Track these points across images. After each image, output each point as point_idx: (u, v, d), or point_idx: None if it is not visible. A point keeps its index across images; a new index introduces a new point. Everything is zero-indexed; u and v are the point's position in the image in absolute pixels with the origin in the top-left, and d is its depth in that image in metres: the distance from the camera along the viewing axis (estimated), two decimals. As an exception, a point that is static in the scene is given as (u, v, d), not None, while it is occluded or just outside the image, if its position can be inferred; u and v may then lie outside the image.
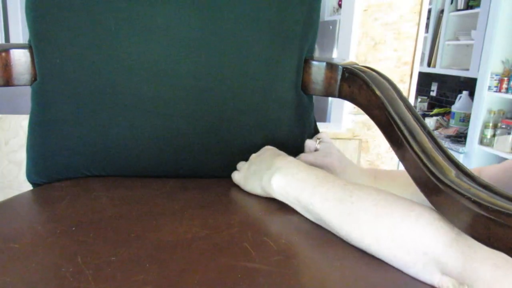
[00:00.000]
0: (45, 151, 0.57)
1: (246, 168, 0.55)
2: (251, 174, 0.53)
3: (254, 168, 0.53)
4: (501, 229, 0.30)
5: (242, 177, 0.55)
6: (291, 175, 0.48)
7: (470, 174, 0.37)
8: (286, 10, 0.58)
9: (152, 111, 0.56)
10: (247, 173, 0.54)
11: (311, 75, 0.62)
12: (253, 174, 0.53)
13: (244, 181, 0.54)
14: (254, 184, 0.52)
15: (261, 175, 0.51)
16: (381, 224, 0.39)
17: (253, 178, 0.52)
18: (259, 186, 0.51)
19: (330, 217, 0.43)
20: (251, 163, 0.55)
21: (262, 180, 0.50)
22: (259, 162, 0.53)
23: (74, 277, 0.33)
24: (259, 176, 0.51)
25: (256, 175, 0.52)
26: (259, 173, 0.51)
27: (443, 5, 3.44)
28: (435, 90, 3.93)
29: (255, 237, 0.41)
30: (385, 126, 0.49)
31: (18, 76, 0.56)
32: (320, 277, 0.36)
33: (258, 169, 0.52)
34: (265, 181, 0.50)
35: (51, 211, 0.47)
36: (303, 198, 0.46)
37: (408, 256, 0.37)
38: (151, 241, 0.39)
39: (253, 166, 0.54)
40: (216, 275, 0.34)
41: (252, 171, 0.53)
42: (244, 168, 0.56)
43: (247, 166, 0.55)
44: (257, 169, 0.52)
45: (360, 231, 0.40)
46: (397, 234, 0.38)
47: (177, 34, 0.55)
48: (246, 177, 0.54)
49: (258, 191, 0.52)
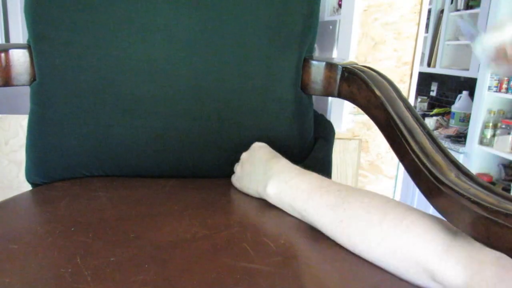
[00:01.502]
0: (45, 151, 0.57)
1: (239, 169, 0.55)
2: (246, 175, 0.53)
3: (248, 168, 0.53)
4: (501, 230, 0.30)
5: (238, 179, 0.55)
6: (284, 182, 0.48)
7: (470, 175, 0.37)
8: (286, 10, 0.58)
9: (151, 111, 0.56)
10: (242, 174, 0.54)
11: (310, 74, 0.62)
12: (248, 175, 0.52)
13: (240, 183, 0.54)
14: (250, 187, 0.52)
15: (257, 179, 0.51)
16: (372, 231, 0.39)
17: (248, 180, 0.52)
18: (255, 191, 0.51)
19: (322, 224, 0.43)
20: (243, 163, 0.54)
21: (258, 186, 0.50)
22: (251, 163, 0.53)
23: (73, 278, 0.33)
24: (254, 180, 0.51)
25: (250, 177, 0.52)
26: (254, 176, 0.51)
27: (443, 5, 3.44)
28: (435, 90, 3.93)
29: (254, 237, 0.41)
30: (385, 126, 0.49)
31: (17, 76, 0.56)
32: (320, 277, 0.36)
33: (253, 171, 0.52)
34: (261, 188, 0.50)
35: (50, 211, 0.47)
36: (296, 205, 0.46)
37: (401, 263, 0.37)
38: (151, 241, 0.39)
39: (247, 166, 0.53)
40: (215, 275, 0.34)
41: (246, 172, 0.53)
42: (237, 169, 0.55)
43: (240, 166, 0.55)
44: (252, 171, 0.52)
45: (352, 239, 0.40)
46: (388, 242, 0.37)
47: (177, 34, 0.55)
48: (241, 178, 0.54)
49: (254, 194, 0.52)
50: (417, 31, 1.14)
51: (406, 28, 1.13)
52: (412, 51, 1.16)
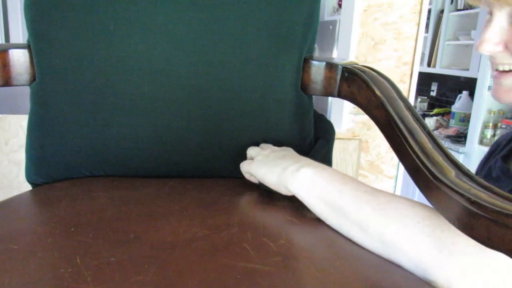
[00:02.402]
0: (44, 151, 0.57)
1: (264, 155, 0.54)
2: (271, 161, 0.52)
3: (274, 156, 0.52)
4: (501, 230, 0.30)
5: (257, 162, 0.53)
6: (323, 168, 0.48)
7: (470, 175, 0.37)
8: (286, 10, 0.58)
9: (151, 111, 0.56)
10: (265, 159, 0.53)
11: (310, 75, 0.62)
12: (273, 161, 0.52)
13: (257, 166, 0.53)
14: (272, 170, 0.51)
15: (286, 165, 0.50)
16: (411, 212, 0.40)
17: (272, 165, 0.51)
18: (276, 175, 0.50)
19: (356, 203, 0.43)
20: (271, 150, 0.54)
21: (286, 169, 0.49)
22: (282, 155, 0.53)
23: (72, 278, 0.33)
24: (281, 165, 0.50)
25: (276, 163, 0.51)
26: (282, 163, 0.50)
27: (443, 5, 3.44)
28: (435, 90, 3.93)
29: (254, 237, 0.41)
30: (385, 126, 0.49)
31: (17, 76, 0.56)
32: (320, 277, 0.36)
33: (281, 158, 0.52)
34: (288, 172, 0.49)
35: (50, 211, 0.47)
36: (332, 185, 0.45)
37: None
38: (150, 242, 0.39)
39: (274, 154, 0.53)
40: (215, 275, 0.34)
41: (271, 159, 0.52)
42: (261, 153, 0.54)
43: (266, 152, 0.54)
44: (279, 158, 0.52)
45: (390, 218, 0.40)
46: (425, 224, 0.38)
47: (177, 34, 0.55)
48: (262, 162, 0.53)
49: (270, 179, 0.51)
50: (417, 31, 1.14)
51: (406, 28, 1.13)
52: (412, 51, 1.16)
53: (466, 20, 3.28)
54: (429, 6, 2.42)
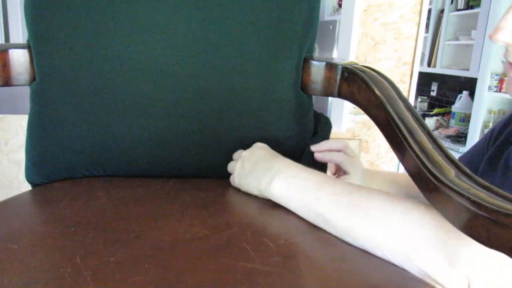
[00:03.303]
0: (44, 151, 0.57)
1: (239, 167, 0.54)
2: (247, 174, 0.52)
3: (249, 167, 0.52)
4: (501, 230, 0.30)
5: (237, 177, 0.54)
6: (292, 177, 0.47)
7: (470, 175, 0.37)
8: (286, 10, 0.58)
9: (151, 111, 0.56)
10: (242, 172, 0.53)
11: (310, 75, 0.62)
12: (249, 174, 0.52)
13: (239, 180, 0.53)
14: (251, 185, 0.52)
15: (259, 177, 0.50)
16: (393, 209, 0.40)
17: (249, 178, 0.52)
18: (256, 188, 0.51)
19: (337, 210, 0.42)
20: (243, 161, 0.54)
21: (260, 183, 0.50)
22: (254, 161, 0.52)
23: (72, 278, 0.33)
24: (256, 178, 0.51)
25: (252, 175, 0.51)
26: (256, 175, 0.51)
27: (443, 5, 3.44)
28: (435, 90, 3.93)
29: (254, 237, 0.41)
30: (385, 126, 0.49)
31: (17, 76, 0.56)
32: (320, 277, 0.36)
33: (254, 169, 0.52)
34: (264, 185, 0.49)
35: (50, 211, 0.47)
36: (306, 196, 0.45)
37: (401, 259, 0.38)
38: (150, 242, 0.39)
39: (247, 165, 0.53)
40: (215, 275, 0.34)
41: (247, 171, 0.52)
42: (237, 167, 0.54)
43: (240, 164, 0.54)
44: (253, 170, 0.52)
45: (371, 217, 0.40)
46: (411, 219, 0.38)
47: (177, 34, 0.55)
48: (241, 176, 0.53)
49: (254, 192, 0.51)
50: (417, 31, 1.14)
51: (406, 28, 1.13)
52: (412, 51, 1.16)
53: (466, 20, 3.28)
54: (429, 6, 2.42)
